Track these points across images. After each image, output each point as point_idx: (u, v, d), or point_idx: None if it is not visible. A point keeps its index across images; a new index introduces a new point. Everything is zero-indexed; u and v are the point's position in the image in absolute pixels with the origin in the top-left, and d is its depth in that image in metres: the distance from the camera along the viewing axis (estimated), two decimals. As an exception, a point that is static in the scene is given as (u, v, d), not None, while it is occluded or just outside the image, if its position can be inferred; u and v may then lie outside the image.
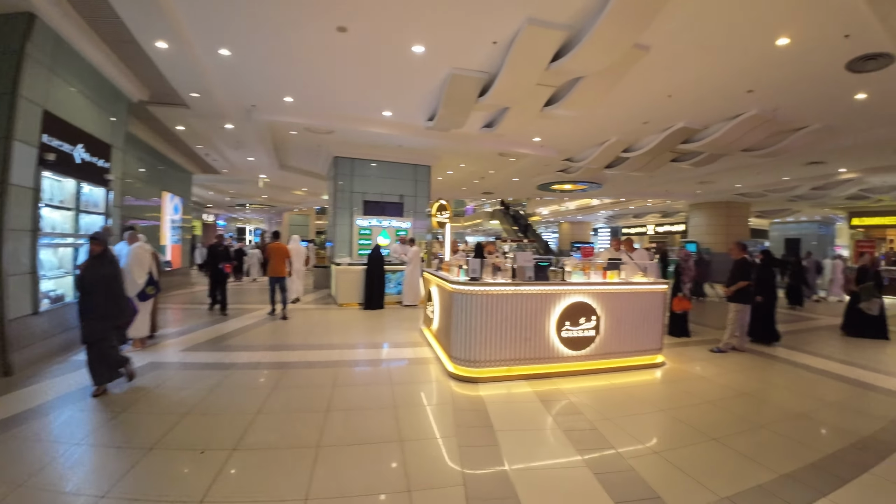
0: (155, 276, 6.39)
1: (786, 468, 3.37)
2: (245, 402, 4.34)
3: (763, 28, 5.80)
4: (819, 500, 2.95)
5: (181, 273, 14.73)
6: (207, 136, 11.96)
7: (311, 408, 4.26)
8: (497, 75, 6.95)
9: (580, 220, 35.07)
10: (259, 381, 5.08)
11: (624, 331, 5.86)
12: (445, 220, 9.40)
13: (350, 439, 3.61)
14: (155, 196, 12.66)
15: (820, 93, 7.78)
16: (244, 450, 3.40)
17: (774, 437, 3.98)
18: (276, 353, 6.30)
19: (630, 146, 11.77)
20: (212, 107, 9.20)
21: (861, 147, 10.84)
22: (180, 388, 4.73)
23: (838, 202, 21.27)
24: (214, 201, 27.26)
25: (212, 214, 32.90)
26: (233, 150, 13.26)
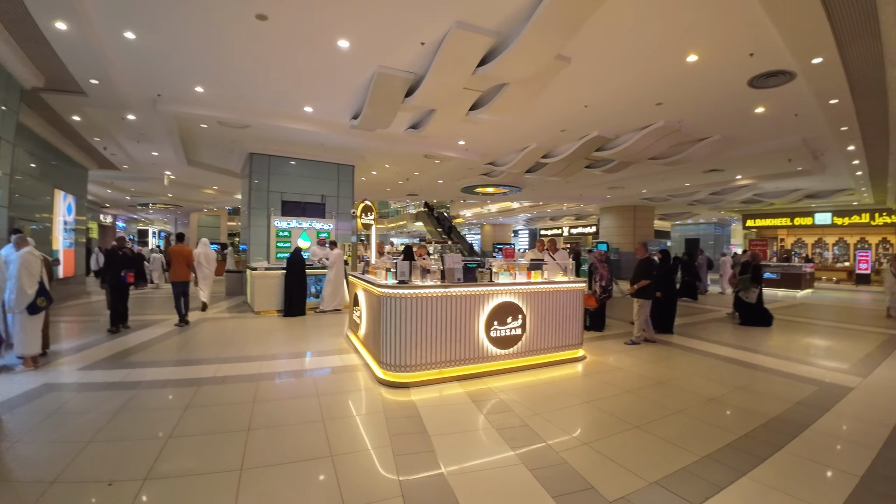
0: (46, 285, 5.62)
1: (706, 450, 3.64)
2: (155, 426, 3.89)
3: (674, 45, 6.29)
4: (740, 479, 3.20)
5: (76, 281, 13.13)
6: (106, 128, 10.75)
7: (231, 427, 3.90)
8: (424, 76, 6.92)
9: (501, 222, 36.12)
10: (169, 400, 4.58)
11: (548, 328, 6.07)
12: (371, 221, 9.14)
13: (276, 459, 3.34)
14: (46, 194, 11.17)
15: (722, 106, 8.57)
16: (158, 479, 3.03)
17: (692, 422, 4.28)
18: (186, 368, 5.71)
19: (549, 152, 12.28)
20: (113, 95, 8.27)
21: (756, 156, 12.13)
22: (81, 411, 4.16)
23: (734, 206, 23.78)
24: (113, 200, 24.68)
25: (110, 215, 29.81)
26: (134, 143, 12.04)
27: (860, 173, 14.08)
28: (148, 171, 15.93)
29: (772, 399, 4.99)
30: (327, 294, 10.29)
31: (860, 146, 10.71)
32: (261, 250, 11.93)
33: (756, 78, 7.27)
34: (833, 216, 23.84)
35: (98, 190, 20.27)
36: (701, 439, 3.87)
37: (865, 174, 13.99)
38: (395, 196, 23.80)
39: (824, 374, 5.98)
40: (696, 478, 3.21)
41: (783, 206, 23.40)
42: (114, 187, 19.96)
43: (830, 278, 23.98)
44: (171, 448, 3.48)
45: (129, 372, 5.41)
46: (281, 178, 12.26)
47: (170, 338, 7.43)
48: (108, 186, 19.62)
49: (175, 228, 33.74)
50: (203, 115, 9.28)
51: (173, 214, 31.60)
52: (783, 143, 10.97)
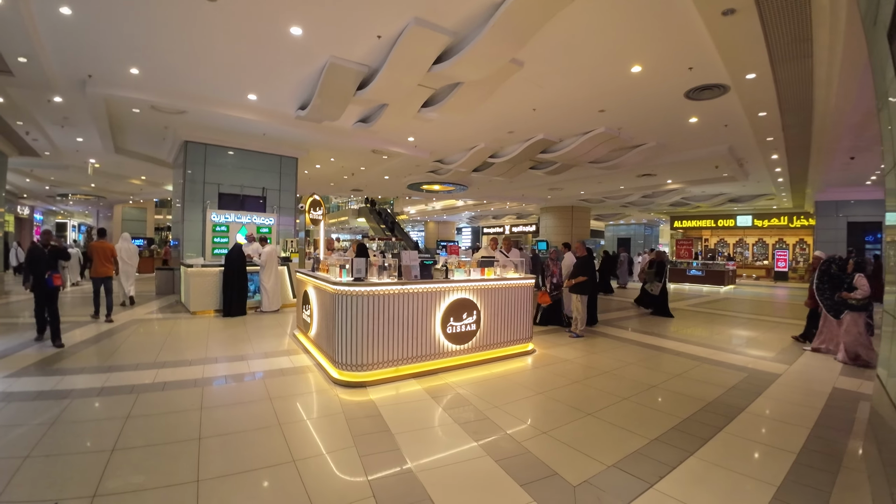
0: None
1: (654, 434, 3.90)
2: (96, 438, 3.56)
3: (621, 56, 6.63)
4: (688, 459, 3.45)
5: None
6: (30, 111, 9.72)
7: (179, 437, 3.63)
8: (378, 70, 6.83)
9: (445, 219, 36.39)
10: (107, 409, 4.20)
11: (501, 323, 6.23)
12: (319, 217, 8.85)
13: (235, 467, 3.16)
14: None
15: (659, 116, 9.12)
16: (106, 496, 2.77)
17: (638, 408, 4.57)
18: (122, 374, 5.26)
19: (496, 153, 12.52)
20: (40, 75, 7.45)
21: (686, 162, 12.98)
22: (12, 424, 3.74)
23: (663, 208, 25.38)
24: (31, 190, 22.31)
25: (27, 206, 26.96)
26: (58, 128, 10.97)
27: (781, 180, 15.46)
28: (71, 159, 14.59)
29: (707, 385, 5.40)
30: (267, 293, 9.86)
31: (783, 155, 11.76)
32: (195, 246, 11.26)
33: (693, 90, 7.81)
34: (754, 219, 26.18)
35: (16, 179, 18.31)
36: (648, 424, 4.13)
37: (786, 180, 15.38)
38: (338, 191, 23.29)
39: (752, 362, 6.54)
40: (648, 459, 3.43)
41: (708, 208, 25.36)
42: (33, 176, 18.09)
43: (751, 275, 26.16)
44: (117, 462, 3.19)
45: (60, 379, 4.92)
46: (218, 168, 11.61)
47: (99, 341, 6.86)
48: (26, 175, 17.75)
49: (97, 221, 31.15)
50: (136, 99, 8.61)
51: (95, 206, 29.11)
52: (712, 151, 11.85)
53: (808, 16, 5.22)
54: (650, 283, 11.14)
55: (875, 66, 3.55)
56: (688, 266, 21.51)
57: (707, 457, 3.50)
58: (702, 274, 20.54)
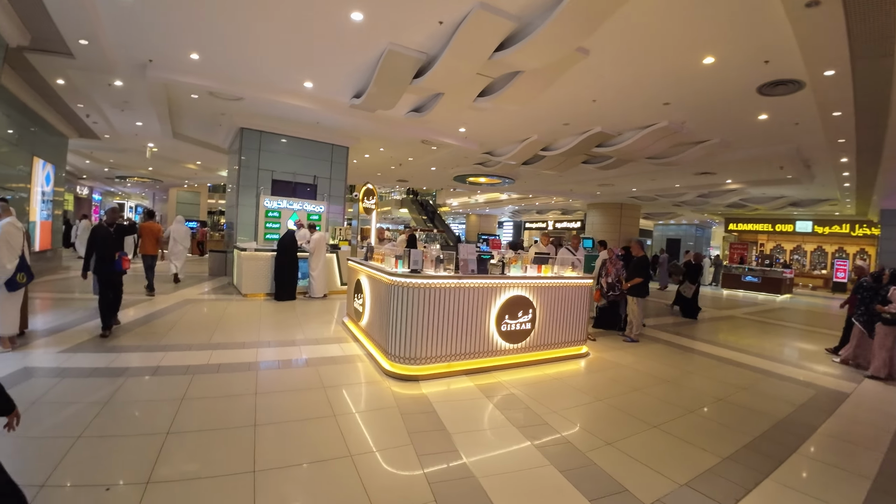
0: (28, 259, 5.21)
1: (725, 451, 3.63)
2: (150, 420, 3.57)
3: (694, 45, 6.21)
4: (764, 481, 3.18)
5: (53, 255, 12.44)
6: (90, 94, 10.14)
7: (234, 423, 3.61)
8: (437, 58, 6.67)
9: (488, 212, 36.06)
10: (162, 390, 4.22)
11: (556, 323, 5.99)
12: (372, 206, 8.81)
13: (292, 459, 3.11)
14: (24, 163, 10.49)
15: (728, 111, 8.56)
16: (160, 483, 2.73)
17: (706, 422, 4.28)
18: (177, 353, 5.34)
19: (548, 145, 12.16)
20: (101, 58, 7.71)
21: (749, 161, 12.23)
22: (65, 401, 3.78)
23: (718, 209, 24.16)
24: (90, 172, 23.59)
25: (86, 187, 28.52)
26: (118, 111, 11.44)
27: (848, 185, 14.37)
28: (129, 142, 15.23)
29: (776, 401, 5.06)
30: (315, 280, 9.97)
31: (853, 158, 10.89)
32: (248, 230, 11.53)
33: (766, 85, 7.28)
34: (814, 225, 24.51)
35: (76, 160, 19.34)
36: (719, 440, 3.86)
37: (853, 186, 14.29)
38: (384, 181, 23.40)
39: (819, 379, 6.12)
40: (722, 479, 3.18)
41: (766, 212, 23.94)
42: (93, 158, 19.05)
43: (807, 285, 24.63)
44: (172, 446, 3.18)
45: (115, 357, 5.04)
46: (272, 155, 11.82)
47: (153, 319, 7.05)
48: (86, 157, 18.71)
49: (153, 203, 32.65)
50: (195, 85, 8.81)
51: (152, 189, 30.52)
52: (778, 150, 11.09)
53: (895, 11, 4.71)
54: (684, 284, 11.04)
55: None
56: (743, 272, 20.43)
57: (783, 479, 3.23)
58: (757, 281, 19.47)
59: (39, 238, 11.16)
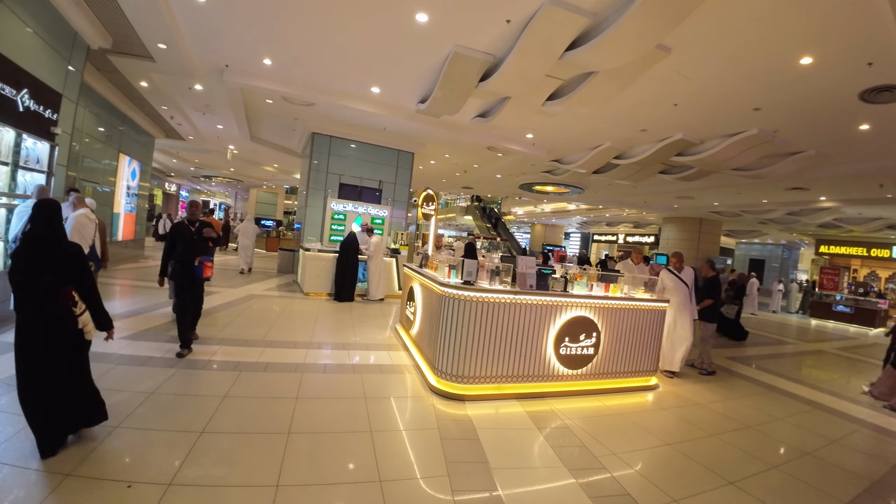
0: (98, 250, 5.48)
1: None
2: (189, 415, 3.54)
3: (788, 43, 5.47)
4: None
5: (134, 245, 13.46)
6: (173, 97, 10.85)
7: (269, 428, 3.50)
8: (504, 59, 6.35)
9: (554, 223, 35.04)
10: (208, 386, 4.25)
11: (623, 350, 5.40)
12: (431, 212, 8.61)
13: (318, 477, 2.91)
14: (111, 158, 11.44)
15: (825, 119, 7.58)
16: (182, 486, 2.65)
17: (789, 481, 3.63)
18: (230, 348, 5.42)
19: (623, 153, 11.42)
20: (180, 62, 8.19)
21: (847, 177, 10.87)
22: (114, 388, 3.83)
23: (808, 229, 21.83)
24: (178, 170, 25.59)
25: (174, 184, 30.95)
26: (200, 114, 12.16)
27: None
28: (212, 144, 16.20)
29: (870, 458, 4.34)
30: (373, 283, 9.96)
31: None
32: (315, 231, 11.79)
33: (869, 91, 6.31)
34: (913, 250, 21.47)
35: (164, 158, 20.94)
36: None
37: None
38: (449, 188, 23.34)
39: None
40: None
41: (861, 234, 21.28)
42: (179, 157, 20.54)
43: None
44: (203, 447, 3.11)
45: (172, 348, 5.11)
46: (340, 160, 12.03)
47: (216, 312, 7.23)
48: (173, 156, 20.22)
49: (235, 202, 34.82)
50: (269, 90, 9.10)
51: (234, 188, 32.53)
52: (879, 165, 9.70)
53: None
54: (727, 305, 10.24)
55: None
56: (834, 300, 18.25)
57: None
58: (850, 311, 17.31)
59: (123, 228, 12.10)
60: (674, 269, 6.49)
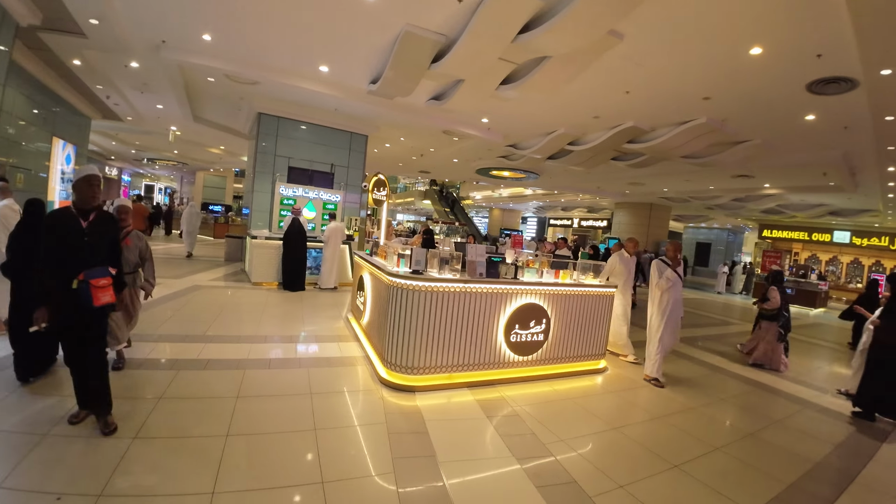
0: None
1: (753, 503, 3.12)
2: (120, 422, 3.22)
3: (740, 34, 5.57)
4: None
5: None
6: (108, 76, 10.04)
7: (206, 430, 3.28)
8: (457, 40, 6.17)
9: (511, 207, 35.35)
10: (142, 387, 3.92)
11: (573, 335, 5.47)
12: (383, 197, 8.30)
13: (257, 482, 2.74)
14: (44, 141, 10.52)
15: (772, 109, 7.83)
16: (112, 497, 2.44)
17: (733, 463, 3.75)
18: (168, 345, 5.07)
19: (576, 139, 11.51)
20: (114, 38, 7.54)
21: (791, 166, 11.37)
22: (39, 394, 3.54)
23: (753, 214, 22.97)
24: (118, 153, 23.97)
25: (115, 168, 29.03)
26: (138, 93, 11.33)
27: (893, 195, 13.29)
28: (152, 125, 15.23)
29: (812, 439, 4.50)
30: (325, 271, 9.67)
31: (903, 169, 9.96)
32: (263, 217, 11.30)
33: (816, 82, 6.53)
34: (852, 236, 23.02)
35: (102, 141, 19.59)
36: (745, 487, 3.36)
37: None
38: (406, 172, 23.05)
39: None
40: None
41: (804, 219, 22.64)
42: (118, 139, 19.25)
43: (841, 298, 23.21)
44: (135, 455, 2.87)
45: (103, 344, 4.75)
46: (289, 142, 11.51)
47: (155, 306, 6.75)
48: (112, 138, 18.93)
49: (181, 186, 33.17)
50: (210, 67, 8.54)
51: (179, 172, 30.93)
52: (823, 155, 10.22)
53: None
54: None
55: None
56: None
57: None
58: (791, 292, 18.39)
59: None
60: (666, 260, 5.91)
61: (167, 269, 9.98)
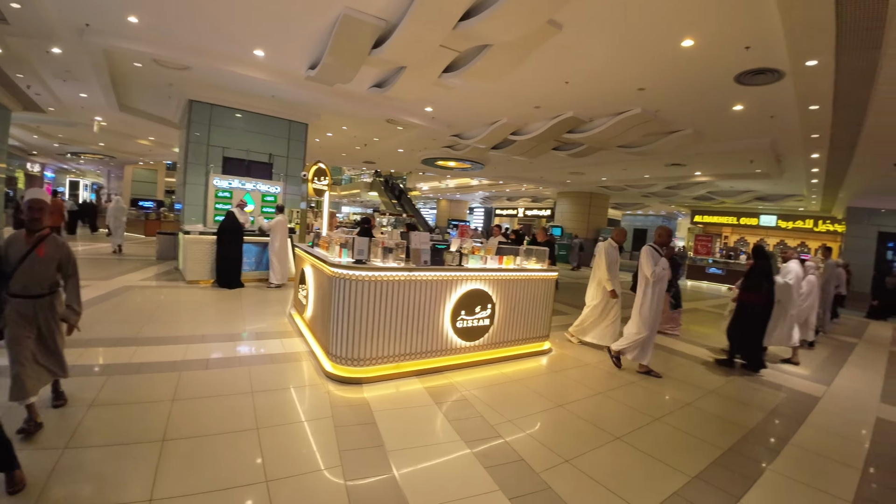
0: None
1: (693, 469, 3.31)
2: (50, 432, 2.99)
3: (673, 27, 5.78)
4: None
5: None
6: (30, 63, 9.11)
7: (142, 436, 3.08)
8: (398, 26, 6.06)
9: (458, 198, 35.59)
10: (72, 394, 3.60)
11: (517, 319, 5.59)
12: (324, 187, 7.97)
13: (196, 485, 2.59)
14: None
15: (704, 100, 8.23)
16: None
17: (673, 433, 3.96)
18: (99, 350, 4.72)
19: (519, 129, 11.68)
20: (37, 22, 6.84)
21: (720, 154, 12.05)
22: None
23: (686, 201, 24.30)
24: (41, 147, 21.89)
25: (38, 163, 26.59)
26: (61, 82, 10.37)
27: (816, 181, 14.42)
28: (76, 116, 14.04)
29: (746, 406, 4.82)
30: (274, 266, 9.29)
31: (825, 155, 10.79)
32: (197, 211, 10.70)
33: (745, 73, 6.92)
34: (778, 219, 24.89)
35: (23, 135, 17.89)
36: (686, 455, 3.55)
37: (821, 183, 14.34)
38: (350, 162, 22.57)
39: (788, 380, 5.94)
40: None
41: (733, 205, 24.22)
42: (40, 132, 17.59)
43: (766, 276, 25.08)
44: (67, 465, 2.66)
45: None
46: (224, 131, 10.91)
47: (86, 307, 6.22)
48: (33, 131, 17.31)
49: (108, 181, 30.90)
50: (137, 52, 7.92)
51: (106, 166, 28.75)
52: (751, 143, 10.89)
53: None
54: None
55: None
56: (707, 264, 20.63)
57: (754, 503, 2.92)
58: (722, 273, 19.70)
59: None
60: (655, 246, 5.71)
61: (95, 270, 9.32)
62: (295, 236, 10.34)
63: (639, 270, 5.63)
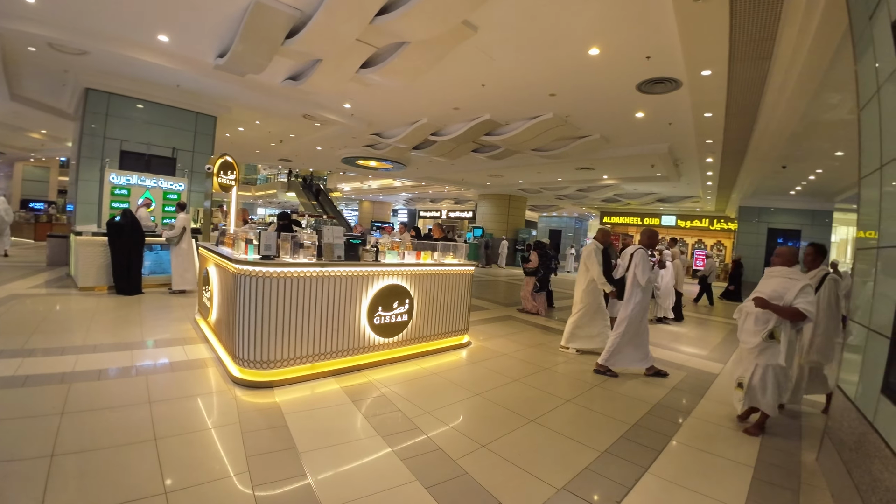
0: None
1: (602, 444, 3.51)
2: None
3: (581, 35, 6.13)
4: (643, 476, 3.08)
5: None
6: None
7: (28, 452, 2.72)
8: (312, 17, 5.89)
9: (381, 199, 35.25)
10: None
11: (436, 313, 5.65)
12: (231, 182, 7.43)
13: (88, 501, 2.33)
14: None
15: (609, 106, 8.81)
16: None
17: (582, 412, 4.20)
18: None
19: (439, 130, 11.84)
20: None
21: (625, 159, 12.98)
22: None
23: (595, 203, 25.96)
24: None
25: None
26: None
27: (710, 183, 15.93)
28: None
29: (649, 385, 5.19)
30: (177, 270, 8.50)
31: (718, 159, 11.96)
32: (91, 210, 9.68)
33: (646, 82, 7.52)
34: (677, 219, 27.48)
35: None
36: (595, 431, 3.77)
37: (715, 184, 15.86)
38: (264, 160, 21.55)
39: (689, 360, 6.50)
40: (601, 478, 3.02)
41: (637, 206, 26.30)
42: None
43: (667, 271, 27.50)
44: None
45: None
46: (123, 122, 9.98)
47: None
48: None
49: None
50: (31, 34, 7.14)
51: (-7, 163, 25.14)
52: (652, 148, 11.85)
53: (778, 12, 4.95)
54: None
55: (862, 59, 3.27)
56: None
57: (662, 473, 3.15)
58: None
59: None
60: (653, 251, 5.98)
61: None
62: (200, 236, 9.66)
63: (628, 272, 5.48)
